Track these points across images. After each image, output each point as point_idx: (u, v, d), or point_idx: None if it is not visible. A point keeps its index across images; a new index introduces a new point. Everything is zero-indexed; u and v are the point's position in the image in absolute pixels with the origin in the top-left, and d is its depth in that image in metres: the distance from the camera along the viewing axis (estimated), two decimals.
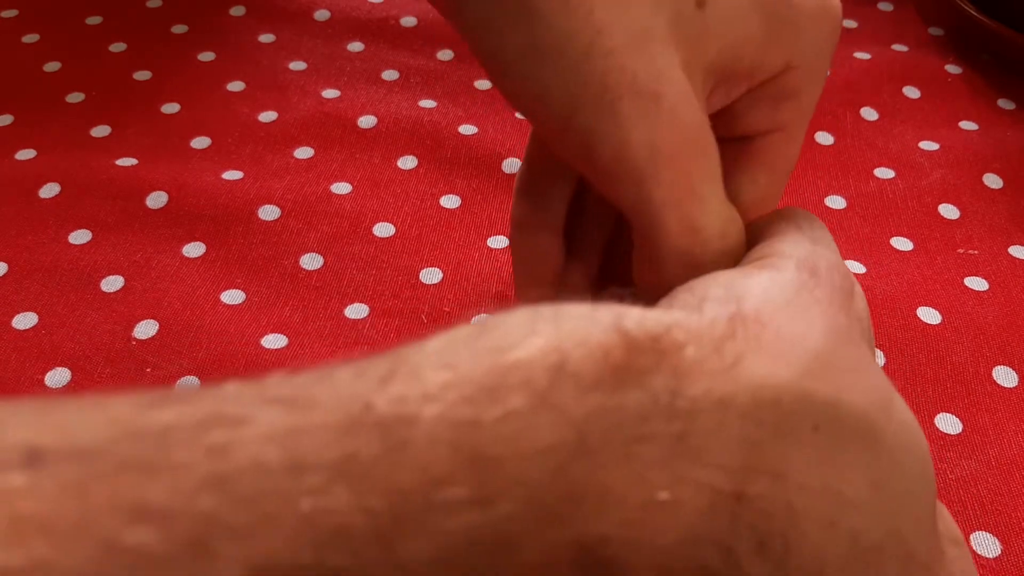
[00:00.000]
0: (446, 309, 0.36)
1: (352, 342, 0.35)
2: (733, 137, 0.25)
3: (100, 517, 0.11)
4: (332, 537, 0.12)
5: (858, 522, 0.15)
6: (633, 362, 0.15)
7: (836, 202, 0.41)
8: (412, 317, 0.36)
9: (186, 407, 0.12)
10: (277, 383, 0.13)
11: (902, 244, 0.40)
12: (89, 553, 0.11)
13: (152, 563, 0.11)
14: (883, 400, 0.17)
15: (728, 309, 0.17)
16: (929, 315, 0.36)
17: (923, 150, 0.44)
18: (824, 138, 0.45)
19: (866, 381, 0.17)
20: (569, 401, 0.14)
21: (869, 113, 0.46)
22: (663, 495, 0.14)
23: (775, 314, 0.17)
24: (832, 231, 0.40)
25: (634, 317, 0.15)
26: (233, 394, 0.13)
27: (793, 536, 0.15)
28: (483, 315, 0.14)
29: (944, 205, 0.41)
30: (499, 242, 0.39)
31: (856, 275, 0.37)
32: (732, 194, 0.25)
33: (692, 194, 0.22)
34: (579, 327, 0.15)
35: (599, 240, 0.29)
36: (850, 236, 0.40)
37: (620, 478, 0.14)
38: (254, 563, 0.11)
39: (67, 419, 0.12)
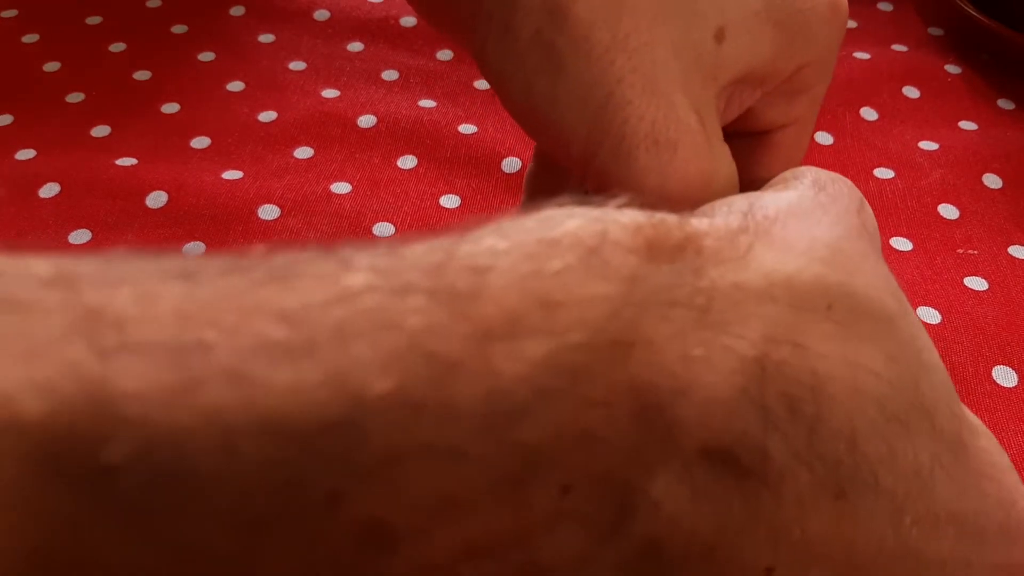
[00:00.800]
0: None
1: None
2: (751, 132, 0.27)
3: (252, 317, 0.13)
4: (440, 339, 0.13)
5: (882, 390, 0.16)
6: (662, 240, 0.16)
7: None
8: None
9: (299, 252, 0.15)
10: (360, 246, 0.15)
11: (901, 244, 0.40)
12: (248, 342, 0.13)
13: (300, 351, 0.13)
14: (894, 289, 0.18)
15: (740, 210, 0.18)
16: (929, 315, 0.36)
17: (923, 150, 0.44)
18: (823, 138, 0.45)
19: (877, 270, 0.18)
20: (615, 260, 0.15)
21: (869, 113, 0.46)
22: (698, 351, 0.15)
23: (785, 213, 0.18)
24: None
25: (658, 213, 0.17)
26: (329, 247, 0.15)
27: (823, 400, 0.16)
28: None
29: (944, 205, 0.41)
30: None
31: None
32: (751, 185, 0.27)
33: None
34: (610, 212, 0.16)
35: None
36: None
37: (660, 332, 0.15)
38: (382, 353, 0.13)
39: (207, 259, 0.14)
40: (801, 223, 0.18)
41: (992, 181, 0.43)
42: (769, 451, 0.15)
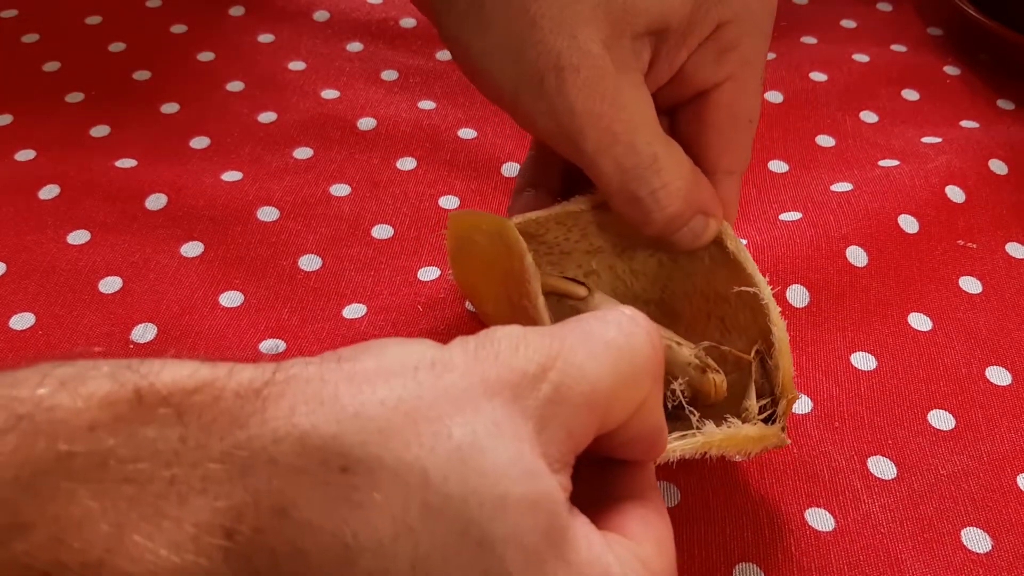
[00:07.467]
0: (441, 296, 0.36)
1: (350, 340, 0.35)
2: (691, 96, 0.30)
3: None
4: None
5: (377, 565, 0.16)
6: (139, 413, 0.16)
7: (842, 187, 0.41)
8: (409, 310, 0.36)
9: None
10: None
11: (908, 224, 0.39)
12: None
13: None
14: (454, 450, 0.17)
15: (301, 369, 0.18)
16: (920, 322, 0.36)
17: (926, 144, 0.44)
18: (825, 140, 0.45)
19: (441, 430, 0.17)
20: (44, 441, 0.16)
21: (869, 116, 0.46)
22: (130, 526, 0.16)
23: (373, 370, 0.18)
24: (839, 212, 0.39)
25: (171, 375, 0.17)
26: None
27: (304, 566, 0.16)
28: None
29: (951, 187, 0.41)
30: None
31: (856, 268, 0.38)
32: (702, 145, 0.30)
33: (616, 141, 0.26)
34: (91, 382, 0.16)
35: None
36: (858, 214, 0.39)
37: (74, 511, 0.15)
38: None
39: None
40: (385, 380, 0.18)
41: (998, 167, 0.42)
42: None
